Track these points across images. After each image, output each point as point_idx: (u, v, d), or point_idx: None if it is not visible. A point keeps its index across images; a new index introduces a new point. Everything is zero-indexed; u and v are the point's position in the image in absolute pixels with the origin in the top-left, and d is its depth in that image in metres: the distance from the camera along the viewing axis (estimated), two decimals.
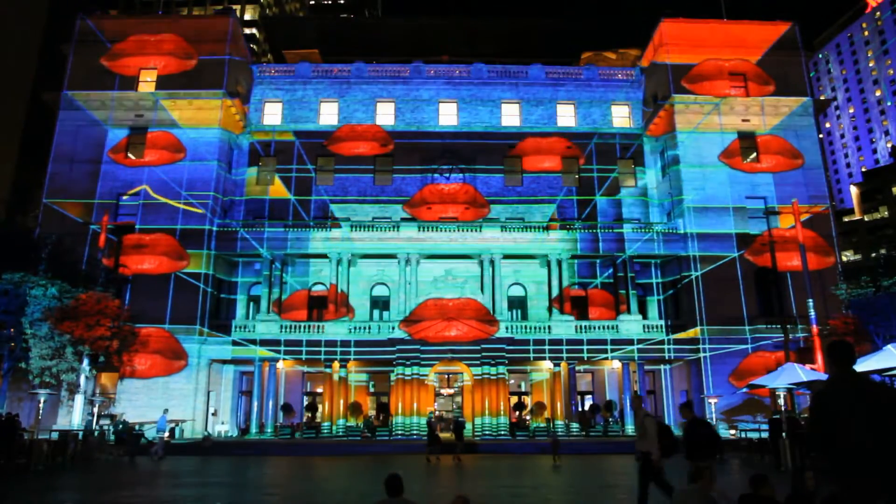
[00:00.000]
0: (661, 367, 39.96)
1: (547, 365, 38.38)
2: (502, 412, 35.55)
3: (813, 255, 35.49)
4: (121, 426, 26.99)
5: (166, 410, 30.03)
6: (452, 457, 24.24)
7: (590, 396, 40.36)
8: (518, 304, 41.31)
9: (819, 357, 29.01)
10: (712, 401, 33.09)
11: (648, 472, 10.06)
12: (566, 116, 44.42)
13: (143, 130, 39.24)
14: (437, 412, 38.36)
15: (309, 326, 37.55)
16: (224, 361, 38.30)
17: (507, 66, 45.45)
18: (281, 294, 38.93)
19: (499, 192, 42.97)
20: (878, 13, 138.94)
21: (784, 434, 20.35)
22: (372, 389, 40.14)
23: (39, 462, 21.51)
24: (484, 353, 36.20)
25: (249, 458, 27.94)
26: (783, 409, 27.04)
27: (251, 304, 41.05)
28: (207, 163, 38.74)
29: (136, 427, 29.68)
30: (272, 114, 44.15)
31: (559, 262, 38.96)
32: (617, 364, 38.61)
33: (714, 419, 32.11)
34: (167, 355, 35.15)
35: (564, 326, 37.38)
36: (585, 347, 36.90)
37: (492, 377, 36.04)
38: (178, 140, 38.91)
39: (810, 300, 29.95)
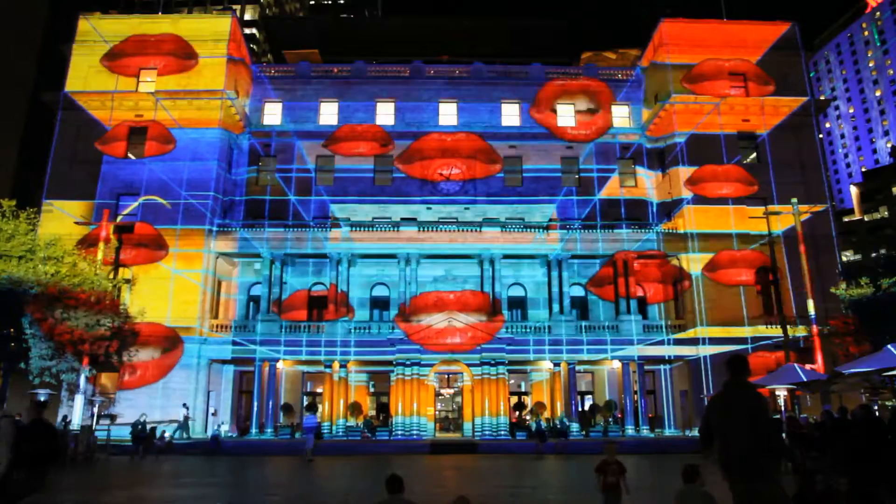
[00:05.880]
0: (661, 367, 39.96)
1: (547, 365, 38.39)
2: (502, 412, 35.56)
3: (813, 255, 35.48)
4: (140, 427, 27.33)
5: (315, 410, 30.86)
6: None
7: (590, 396, 40.37)
8: (518, 305, 41.31)
9: (819, 357, 29.00)
10: None
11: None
12: (566, 116, 44.41)
13: (144, 130, 39.27)
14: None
15: (309, 326, 37.57)
16: (224, 361, 38.27)
17: (507, 66, 45.43)
18: (281, 294, 38.92)
19: (499, 192, 42.96)
20: (878, 13, 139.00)
21: (784, 434, 20.32)
22: (372, 389, 40.14)
23: None
24: (484, 353, 36.21)
25: (250, 457, 27.96)
26: (783, 409, 27.01)
27: (251, 304, 41.06)
28: (207, 163, 38.75)
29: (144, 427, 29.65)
30: (272, 114, 44.14)
31: (559, 262, 38.97)
32: (617, 364, 38.61)
33: None
34: (164, 355, 35.12)
35: (564, 326, 37.37)
36: (585, 347, 36.92)
37: (492, 377, 36.05)
38: (169, 132, 38.80)
39: (810, 300, 29.94)
